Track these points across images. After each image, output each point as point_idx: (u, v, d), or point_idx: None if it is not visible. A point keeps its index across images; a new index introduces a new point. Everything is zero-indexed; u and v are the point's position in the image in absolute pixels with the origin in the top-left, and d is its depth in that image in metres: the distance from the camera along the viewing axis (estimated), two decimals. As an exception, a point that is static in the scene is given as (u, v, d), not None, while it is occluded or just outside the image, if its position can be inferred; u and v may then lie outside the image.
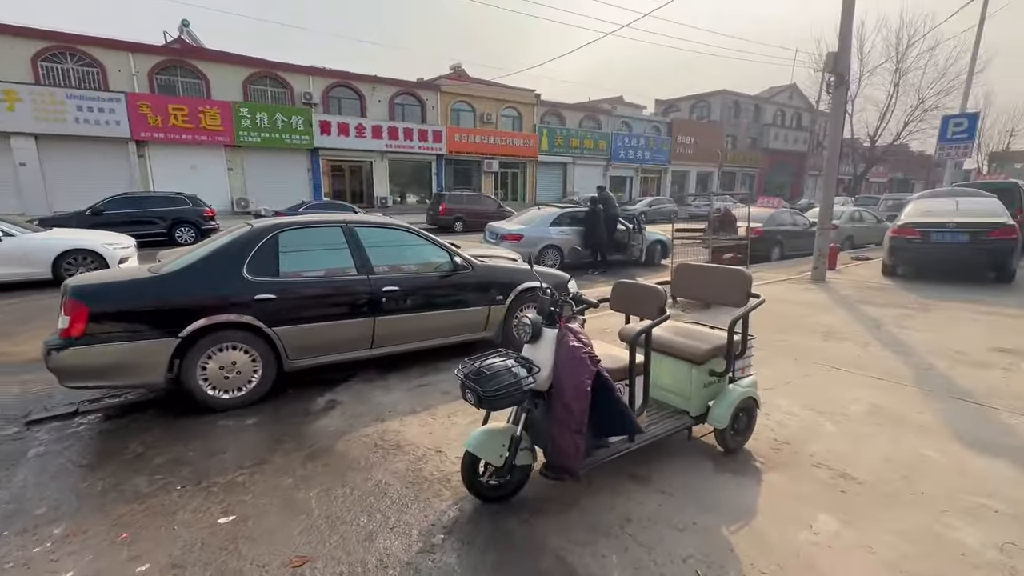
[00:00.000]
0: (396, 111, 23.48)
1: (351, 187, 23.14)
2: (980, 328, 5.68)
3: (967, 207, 8.83)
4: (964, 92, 16.73)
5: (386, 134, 22.45)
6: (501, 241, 10.49)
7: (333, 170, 22.48)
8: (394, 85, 23.24)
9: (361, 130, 21.77)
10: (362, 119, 22.00)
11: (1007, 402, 3.68)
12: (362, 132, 21.80)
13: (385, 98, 23.05)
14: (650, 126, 32.52)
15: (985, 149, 37.72)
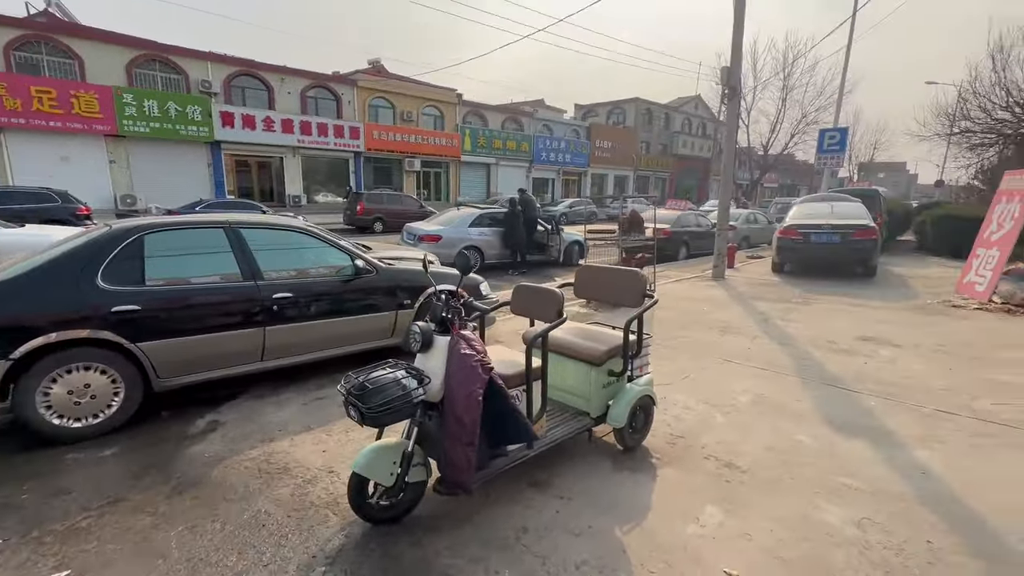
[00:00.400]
0: (309, 105, 22.19)
1: (260, 184, 21.56)
2: (849, 319, 6.35)
3: (839, 211, 9.91)
4: (836, 109, 18.90)
5: (298, 128, 21.15)
6: (419, 242, 10.22)
7: (238, 166, 20.80)
8: (306, 77, 21.95)
9: (269, 123, 20.33)
10: (270, 112, 20.55)
11: (867, 386, 4.11)
12: (271, 125, 20.37)
13: (296, 91, 21.71)
14: (570, 130, 33.46)
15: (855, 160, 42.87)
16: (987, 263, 7.27)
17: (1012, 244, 6.89)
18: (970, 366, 4.57)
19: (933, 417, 3.52)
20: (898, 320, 6.29)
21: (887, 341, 5.37)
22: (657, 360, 4.71)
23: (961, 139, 15.04)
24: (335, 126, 22.24)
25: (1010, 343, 5.29)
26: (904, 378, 4.28)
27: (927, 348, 5.11)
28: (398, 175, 25.49)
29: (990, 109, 12.84)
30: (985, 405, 3.71)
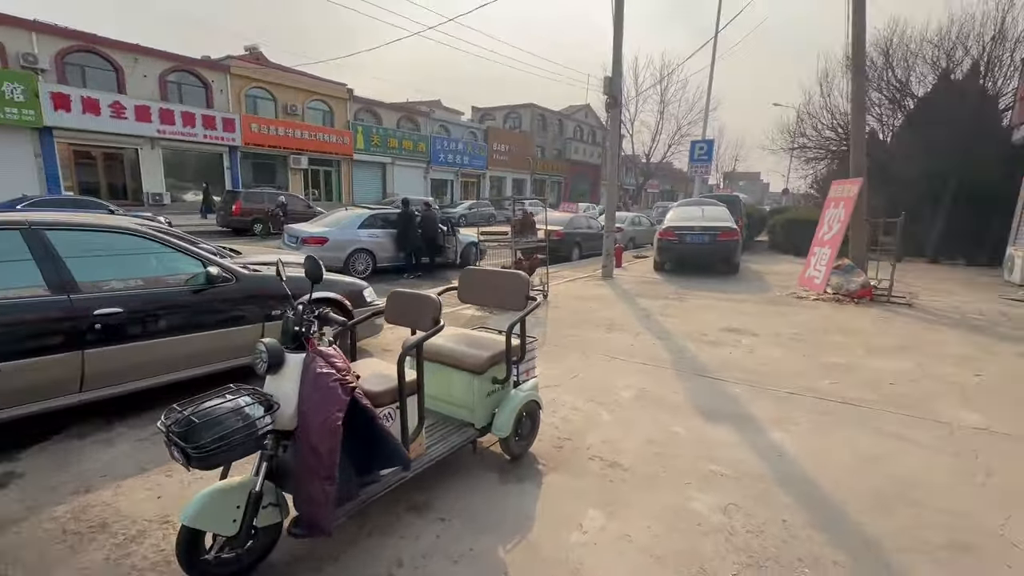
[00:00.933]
0: (170, 91, 19.59)
1: (109, 180, 18.58)
2: (717, 312, 6.96)
3: (708, 214, 10.93)
4: (704, 123, 21.00)
5: (157, 117, 18.55)
6: (302, 245, 9.42)
7: (79, 158, 17.71)
8: (166, 59, 19.34)
9: (119, 109, 17.57)
10: (120, 96, 17.77)
11: (733, 374, 4.47)
12: (121, 112, 17.61)
13: (153, 74, 19.03)
14: (468, 132, 33.43)
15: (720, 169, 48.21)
16: (821, 260, 8.42)
17: (839, 243, 8.05)
18: (814, 350, 5.19)
19: (787, 400, 3.90)
20: (757, 312, 7.03)
21: (748, 331, 5.94)
22: (548, 360, 4.74)
23: (800, 153, 17.49)
24: (204, 116, 19.89)
25: (840, 328, 6.13)
26: (762, 365, 4.73)
27: (779, 336, 5.73)
28: (283, 173, 23.52)
29: (820, 128, 15.11)
30: (825, 385, 4.20)
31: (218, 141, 20.51)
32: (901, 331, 5.97)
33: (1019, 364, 4.81)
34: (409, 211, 10.33)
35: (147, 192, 19.03)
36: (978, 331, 6.01)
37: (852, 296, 7.66)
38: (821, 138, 15.29)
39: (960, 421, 3.52)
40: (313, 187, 25.10)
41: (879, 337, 5.71)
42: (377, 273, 10.21)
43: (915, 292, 8.33)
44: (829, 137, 15.09)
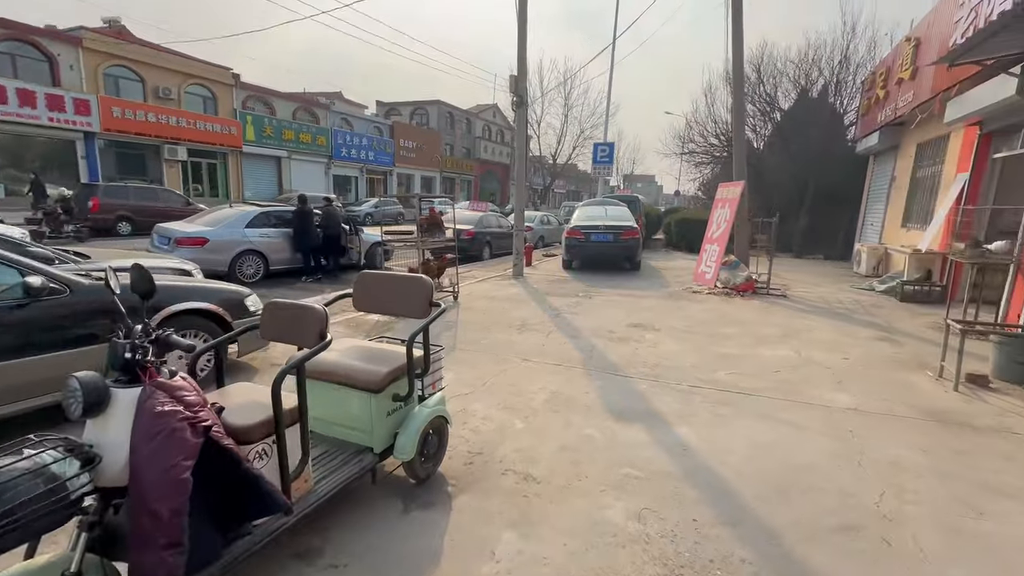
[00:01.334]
0: (2, 64, 16.34)
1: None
2: (622, 309, 7.17)
3: (612, 213, 11.35)
4: (605, 127, 21.97)
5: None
6: (176, 247, 8.24)
7: None
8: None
9: (-74, 82, 14.29)
10: (-73, 65, 14.46)
11: (639, 370, 4.56)
12: (-71, 85, 14.33)
13: (-24, 41, 15.74)
14: (372, 127, 31.97)
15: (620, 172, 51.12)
16: (711, 256, 9.08)
17: (726, 241, 8.73)
18: (709, 342, 5.49)
19: (689, 394, 4.03)
20: (658, 306, 7.36)
21: (651, 326, 6.17)
22: (459, 366, 4.50)
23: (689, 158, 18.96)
24: (49, 96, 16.87)
25: (730, 320, 6.59)
26: (665, 359, 4.88)
27: (678, 330, 6.01)
28: (156, 165, 20.72)
29: (706, 136, 16.47)
30: (722, 376, 4.42)
31: (68, 126, 17.51)
32: (781, 321, 6.56)
33: (875, 347, 5.46)
34: (306, 208, 9.51)
35: (-28, 184, 15.72)
36: (840, 318, 6.79)
37: (738, 289, 8.33)
38: (707, 144, 16.71)
39: (836, 403, 3.86)
40: (195, 182, 22.43)
41: (763, 327, 6.21)
42: (271, 278, 9.27)
43: (788, 284, 9.28)
44: (714, 144, 16.52)
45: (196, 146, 21.62)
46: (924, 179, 9.38)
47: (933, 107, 7.77)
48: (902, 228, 9.93)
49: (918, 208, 9.52)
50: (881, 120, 10.48)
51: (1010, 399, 3.98)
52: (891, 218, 10.69)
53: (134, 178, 19.30)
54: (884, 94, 10.24)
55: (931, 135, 8.90)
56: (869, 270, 10.31)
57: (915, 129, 9.24)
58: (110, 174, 19.05)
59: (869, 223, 12.33)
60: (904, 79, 9.00)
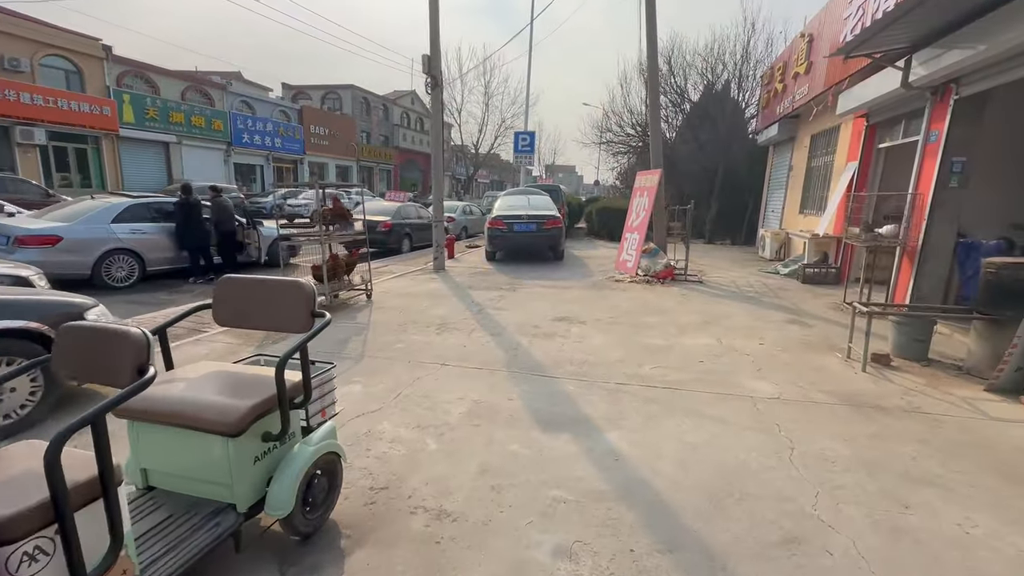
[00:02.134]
0: None
1: None
2: (547, 301, 6.91)
3: (534, 203, 11.10)
4: (525, 116, 21.78)
5: None
6: (16, 248, 6.78)
7: None
8: None
9: None
10: None
11: (566, 369, 4.27)
12: None
13: None
14: (278, 110, 29.38)
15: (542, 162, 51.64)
16: (632, 245, 9.11)
17: (646, 228, 8.78)
18: (634, 333, 5.35)
19: (616, 393, 3.79)
20: (582, 297, 7.18)
21: (576, 319, 5.94)
22: (368, 377, 3.94)
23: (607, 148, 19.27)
24: None
25: (652, 309, 6.55)
26: (591, 355, 4.64)
27: (604, 322, 5.84)
28: (5, 150, 17.44)
29: (623, 125, 16.77)
30: (648, 371, 4.25)
31: None
32: (700, 307, 6.63)
33: (787, 330, 5.62)
34: (191, 199, 8.27)
35: None
36: (753, 302, 7.01)
37: (658, 277, 8.41)
38: (624, 134, 17.01)
39: (759, 392, 3.81)
40: (61, 170, 19.23)
41: (685, 315, 6.21)
42: (150, 280, 8.00)
43: (703, 270, 9.57)
44: (631, 134, 16.86)
45: (59, 128, 18.48)
46: (818, 168, 10.06)
47: (827, 100, 8.24)
48: (800, 214, 10.62)
49: (814, 195, 10.21)
50: (779, 112, 11.10)
51: (912, 377, 4.16)
52: (790, 205, 11.42)
53: (-25, 165, 16.20)
54: (782, 88, 10.83)
55: (823, 127, 9.52)
56: (772, 254, 10.95)
57: (811, 121, 9.84)
58: (-58, 160, 15.77)
59: (771, 210, 13.15)
60: (800, 73, 9.52)
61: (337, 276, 6.63)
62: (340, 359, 4.40)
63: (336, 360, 3.29)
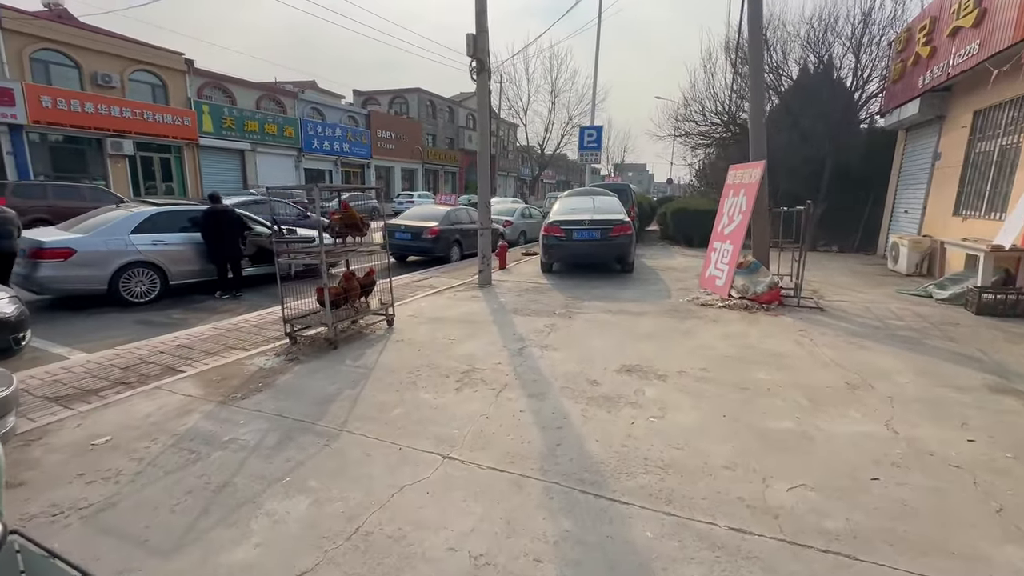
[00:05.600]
0: (-101, 46, 14.04)
1: None
2: (611, 335, 5.22)
3: (600, 205, 9.35)
4: (591, 110, 19.86)
5: None
6: (29, 262, 6.21)
7: None
8: None
9: None
10: None
11: (636, 481, 2.60)
12: None
13: None
14: (346, 116, 29.64)
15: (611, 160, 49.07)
16: (723, 257, 7.13)
17: (742, 237, 6.77)
18: (741, 404, 3.54)
19: (733, 556, 2.07)
20: (658, 331, 5.40)
21: (651, 370, 4.21)
22: (331, 480, 2.43)
23: (685, 140, 16.92)
24: (-41, 84, 14.58)
25: (761, 355, 4.63)
26: (677, 448, 2.93)
27: (692, 377, 4.06)
28: (98, 161, 18.47)
29: (708, 114, 14.42)
30: (781, 495, 2.47)
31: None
32: (835, 355, 4.61)
33: (1000, 407, 3.52)
34: (220, 208, 7.45)
35: None
36: (913, 346, 4.84)
37: (760, 300, 6.40)
38: (706, 123, 14.65)
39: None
40: (148, 179, 20.19)
41: (813, 369, 4.26)
42: (175, 295, 7.27)
43: (818, 289, 7.36)
44: (714, 123, 14.48)
45: (145, 139, 19.36)
46: (988, 154, 7.42)
47: (1020, 57, 5.79)
48: (955, 217, 7.99)
49: (979, 191, 7.58)
50: (922, 85, 8.49)
51: None
52: (937, 204, 8.75)
53: (77, 176, 17.18)
54: (928, 52, 8.24)
55: (1004, 96, 6.90)
56: (911, 268, 8.39)
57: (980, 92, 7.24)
58: (43, 171, 16.84)
59: (902, 210, 10.39)
60: (963, 27, 7.00)
61: (350, 300, 5.37)
62: (308, 433, 3.05)
63: (303, 434, 2.63)
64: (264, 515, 2.32)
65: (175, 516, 2.32)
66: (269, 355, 4.65)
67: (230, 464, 2.75)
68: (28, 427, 3.19)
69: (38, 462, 2.77)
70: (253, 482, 2.58)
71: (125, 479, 2.61)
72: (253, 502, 2.41)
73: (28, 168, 16.38)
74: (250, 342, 5.12)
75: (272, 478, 2.62)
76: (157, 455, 2.85)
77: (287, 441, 2.99)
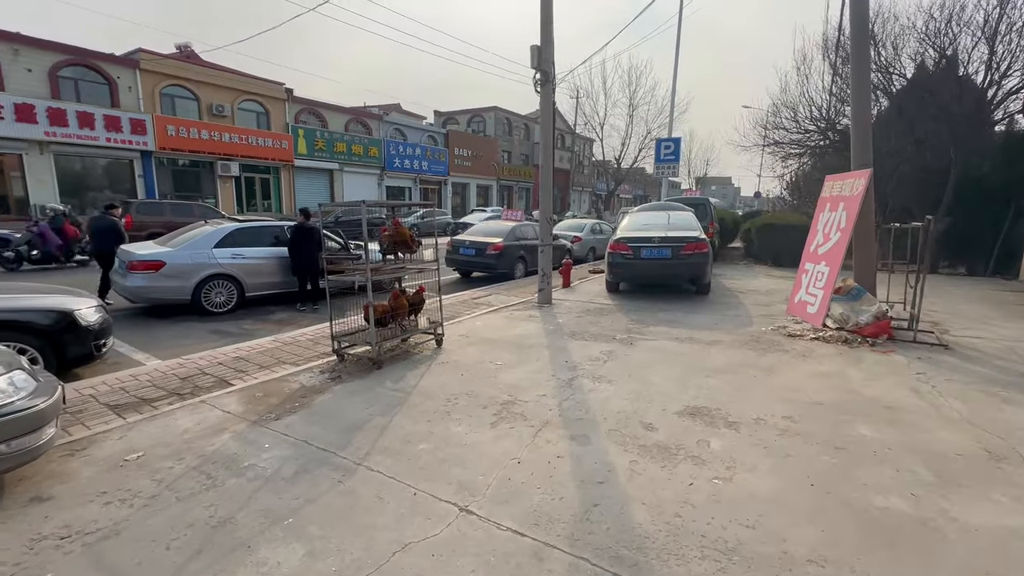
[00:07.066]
0: (64, 88, 16.66)
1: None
2: (675, 367, 4.59)
3: (673, 221, 8.64)
4: (669, 122, 18.86)
5: (44, 117, 15.67)
6: (128, 274, 6.82)
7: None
8: (57, 51, 16.43)
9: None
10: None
11: (690, 568, 2.06)
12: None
13: (41, 68, 16.10)
14: (426, 136, 30.92)
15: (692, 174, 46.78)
16: (817, 279, 6.16)
17: (841, 257, 5.79)
18: (834, 473, 2.83)
19: None
20: (732, 365, 4.68)
21: (720, 414, 3.57)
22: (331, 527, 2.15)
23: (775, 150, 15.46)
24: (107, 117, 16.99)
25: (865, 405, 3.80)
26: (747, 526, 2.34)
27: (772, 428, 3.37)
28: (209, 181, 20.67)
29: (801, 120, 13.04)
30: (892, 617, 1.82)
31: (125, 145, 17.61)
32: (965, 409, 3.66)
33: None
34: (309, 225, 7.74)
35: (35, 204, 16.03)
36: (1078, 402, 3.74)
37: (864, 333, 5.39)
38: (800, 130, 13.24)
39: None
40: (249, 197, 22.27)
41: (938, 427, 3.38)
42: (250, 306, 7.68)
43: (940, 321, 6.12)
44: (808, 130, 13.04)
45: (249, 161, 21.38)
46: None
47: None
48: None
49: None
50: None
51: None
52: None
53: (192, 195, 19.36)
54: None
55: None
56: (1071, 298, 6.76)
57: None
58: (166, 191, 19.14)
59: (1056, 226, 8.53)
60: None
61: (397, 318, 5.24)
62: (325, 465, 2.85)
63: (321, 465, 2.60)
64: (253, 564, 2.10)
65: (169, 554, 2.17)
66: (315, 372, 4.61)
67: (241, 495, 2.60)
68: (81, 435, 3.29)
69: (72, 475, 2.81)
70: (256, 519, 2.40)
71: (139, 503, 2.54)
72: (247, 546, 2.21)
73: (154, 188, 18.69)
74: (302, 357, 5.15)
75: (276, 516, 2.42)
76: (177, 478, 2.78)
77: (303, 473, 2.81)
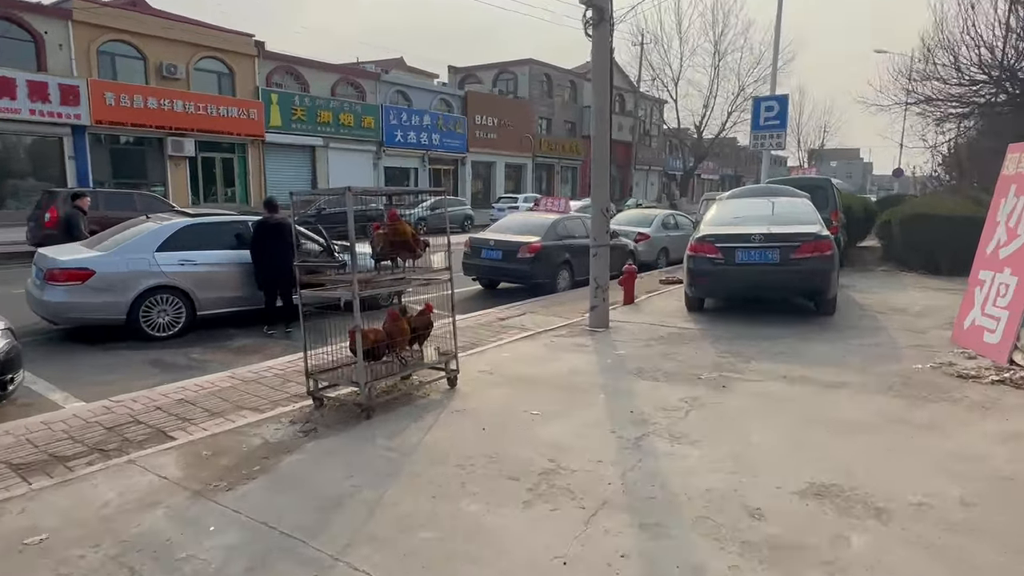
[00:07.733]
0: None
1: None
2: (788, 426, 4.33)
3: (781, 211, 8.35)
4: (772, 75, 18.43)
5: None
6: (46, 285, 7.04)
7: None
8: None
9: None
10: None
11: None
12: None
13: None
14: (437, 99, 31.41)
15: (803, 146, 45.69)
16: (998, 295, 5.78)
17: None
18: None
19: None
20: (872, 419, 4.38)
21: (860, 496, 3.28)
22: None
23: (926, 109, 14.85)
24: (31, 83, 18.04)
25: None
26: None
27: (940, 516, 3.05)
28: (158, 164, 21.58)
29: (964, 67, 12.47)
30: None
31: (54, 119, 18.64)
32: None
33: None
34: (276, 220, 7.84)
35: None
36: None
37: (1074, 375, 4.97)
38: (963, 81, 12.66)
39: None
40: (207, 183, 23.10)
41: None
42: (205, 327, 7.80)
43: None
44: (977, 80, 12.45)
45: (207, 137, 22.23)
46: None
47: None
48: None
49: None
50: None
51: None
52: None
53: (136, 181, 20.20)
54: None
55: None
56: None
57: None
58: (103, 177, 20.02)
59: None
60: None
61: (395, 348, 5.15)
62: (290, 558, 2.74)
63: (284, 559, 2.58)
64: None
65: None
66: (282, 422, 4.59)
67: (171, 602, 2.52)
68: (-30, 506, 3.32)
69: (-48, 564, 2.80)
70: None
71: (35, 608, 2.49)
72: None
73: (88, 174, 19.61)
74: (267, 400, 5.15)
75: (218, 637, 2.32)
76: (87, 574, 2.73)
77: (259, 571, 2.71)
